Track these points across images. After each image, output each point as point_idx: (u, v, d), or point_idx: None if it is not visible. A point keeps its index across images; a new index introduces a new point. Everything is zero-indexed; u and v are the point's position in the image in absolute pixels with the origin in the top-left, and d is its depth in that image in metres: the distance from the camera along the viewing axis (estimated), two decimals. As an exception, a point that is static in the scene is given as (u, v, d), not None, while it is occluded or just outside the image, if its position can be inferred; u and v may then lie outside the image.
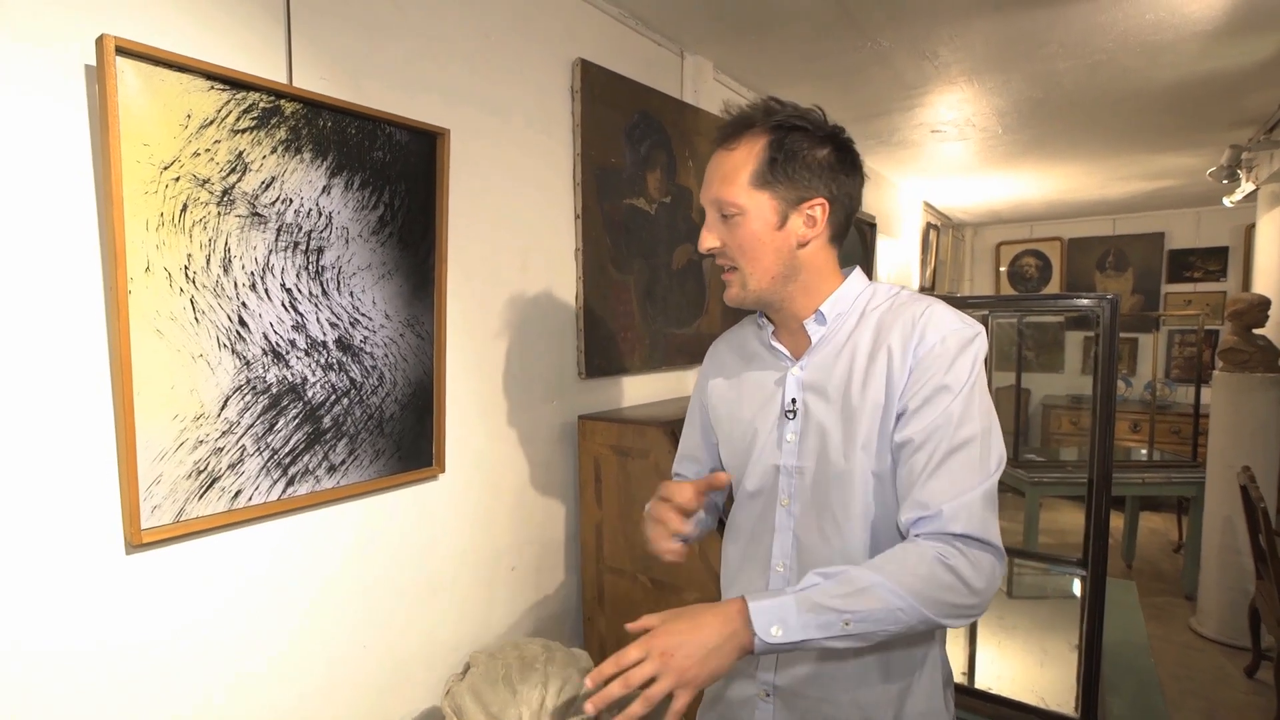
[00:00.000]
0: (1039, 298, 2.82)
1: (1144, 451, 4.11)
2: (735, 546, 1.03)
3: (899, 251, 4.23)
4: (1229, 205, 3.55)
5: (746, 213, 0.89)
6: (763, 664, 0.96)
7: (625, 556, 1.62)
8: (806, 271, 0.92)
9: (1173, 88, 2.43)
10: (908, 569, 0.77)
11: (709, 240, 0.93)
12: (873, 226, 3.64)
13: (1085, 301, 1.26)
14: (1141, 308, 5.32)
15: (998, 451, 0.84)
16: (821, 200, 0.89)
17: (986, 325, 2.69)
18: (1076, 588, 2.35)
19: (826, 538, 0.90)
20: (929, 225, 4.81)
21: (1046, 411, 5.34)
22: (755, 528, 0.98)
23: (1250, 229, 4.74)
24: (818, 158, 0.89)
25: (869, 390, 0.88)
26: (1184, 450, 4.37)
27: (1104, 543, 1.28)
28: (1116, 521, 4.10)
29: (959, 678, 1.51)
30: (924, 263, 4.75)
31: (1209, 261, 5.14)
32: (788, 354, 0.97)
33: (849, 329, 0.93)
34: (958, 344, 0.85)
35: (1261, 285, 3.50)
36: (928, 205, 4.79)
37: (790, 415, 0.94)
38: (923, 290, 4.63)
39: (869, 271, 3.62)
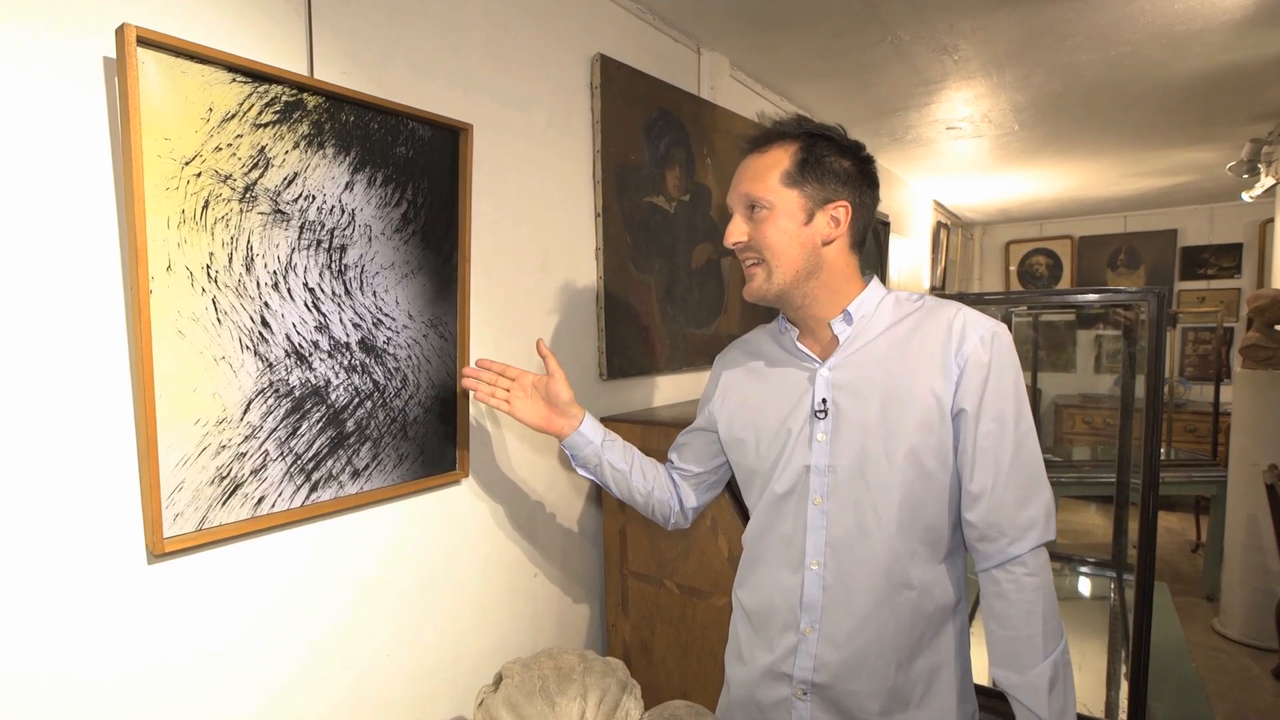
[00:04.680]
0: (1076, 292, 2.71)
1: (1160, 450, 4.06)
2: (760, 546, 1.04)
3: (910, 251, 4.19)
4: (1248, 200, 3.51)
5: (775, 208, 0.93)
6: (799, 664, 0.96)
7: (650, 562, 1.58)
8: (828, 271, 0.95)
9: (1194, 80, 2.39)
10: (1037, 637, 0.88)
11: (736, 234, 0.97)
12: (886, 225, 3.61)
13: (1129, 295, 1.23)
14: (1154, 305, 5.27)
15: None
16: (845, 203, 0.94)
17: (1008, 323, 2.66)
18: (1084, 586, 2.30)
19: (866, 532, 0.93)
20: (939, 224, 4.77)
21: (1059, 411, 5.29)
22: (785, 528, 0.99)
23: (1266, 225, 4.71)
24: (843, 166, 0.94)
25: (909, 388, 0.91)
26: (1201, 449, 4.32)
27: (1152, 547, 1.24)
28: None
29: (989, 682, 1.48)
30: (934, 262, 4.71)
31: (1223, 258, 5.09)
32: (813, 355, 0.99)
33: (877, 330, 0.95)
34: (993, 341, 0.90)
35: (1280, 281, 3.45)
36: (938, 204, 4.75)
37: (821, 415, 0.95)
38: (933, 290, 4.61)
39: (883, 272, 3.59)
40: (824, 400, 0.95)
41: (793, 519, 0.97)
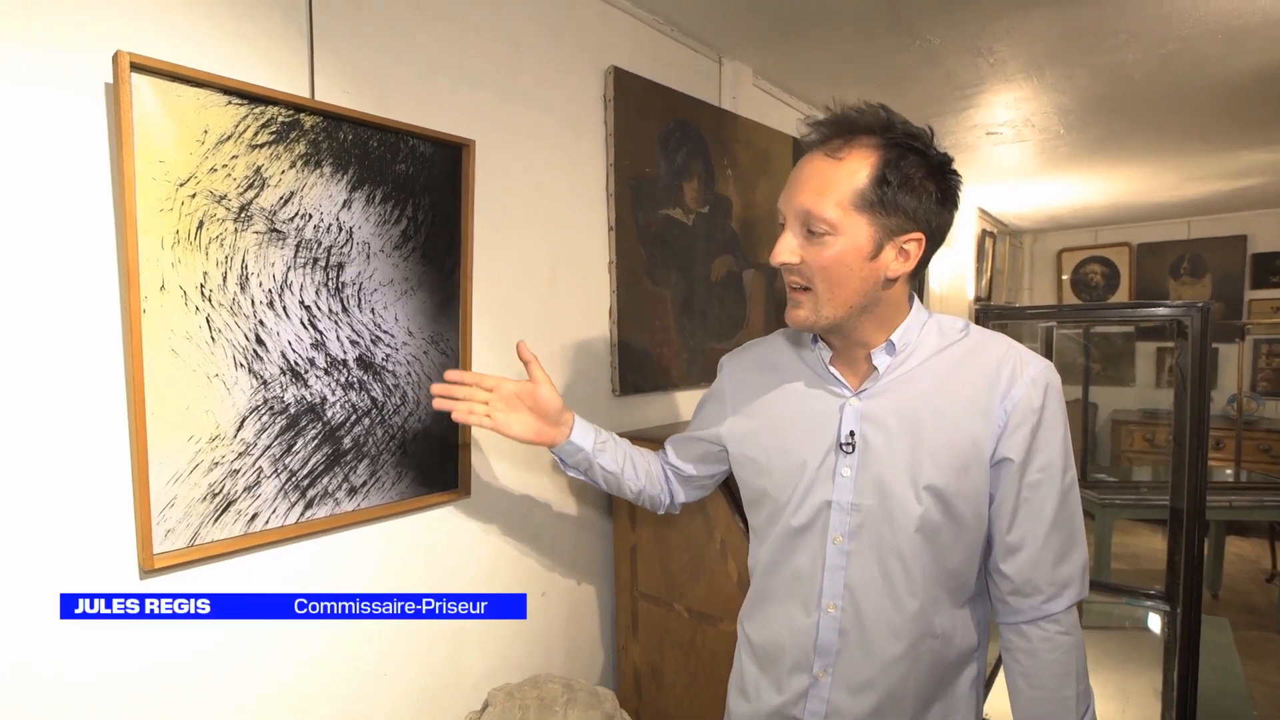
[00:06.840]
0: (1117, 307, 2.55)
1: (1229, 471, 3.79)
2: (770, 580, 0.97)
3: (952, 261, 4.04)
4: (1323, 204, 3.26)
5: (839, 234, 0.80)
6: (810, 708, 0.91)
7: (660, 583, 1.53)
8: (885, 304, 0.86)
9: (1258, 77, 2.23)
10: (1070, 700, 0.85)
11: (786, 253, 0.84)
12: (924, 234, 3.48)
13: (1170, 310, 1.13)
14: (1222, 316, 4.95)
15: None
16: (920, 235, 0.82)
17: (1049, 336, 2.52)
18: (1152, 621, 2.14)
19: (889, 576, 0.86)
20: (984, 232, 4.59)
21: (1116, 427, 5.01)
22: (800, 565, 0.92)
23: (1346, 229, 4.38)
24: (927, 188, 0.81)
25: (945, 429, 0.84)
26: (1276, 470, 4.03)
27: (1197, 580, 1.13)
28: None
29: None
30: (979, 272, 4.53)
31: (1299, 265, 4.75)
32: (845, 382, 0.90)
33: (916, 361, 0.87)
34: (1045, 387, 0.84)
35: (1363, 290, 3.19)
36: (982, 212, 4.58)
37: (847, 449, 0.87)
38: (978, 301, 4.42)
39: (922, 284, 3.46)
40: (851, 432, 0.87)
41: (809, 556, 0.90)
